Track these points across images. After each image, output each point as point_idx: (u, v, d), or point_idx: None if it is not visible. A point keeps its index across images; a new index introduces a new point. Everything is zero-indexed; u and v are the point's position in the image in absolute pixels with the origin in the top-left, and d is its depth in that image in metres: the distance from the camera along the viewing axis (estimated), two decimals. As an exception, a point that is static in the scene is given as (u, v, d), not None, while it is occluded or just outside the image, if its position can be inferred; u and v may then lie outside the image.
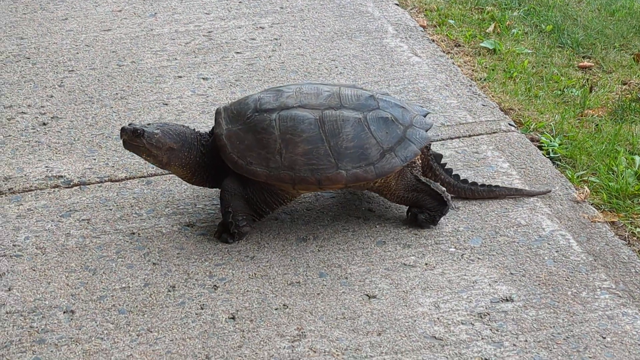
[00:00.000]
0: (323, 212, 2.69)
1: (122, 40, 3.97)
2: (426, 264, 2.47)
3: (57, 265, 2.49)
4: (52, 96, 3.48)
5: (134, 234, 2.61)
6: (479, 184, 2.69)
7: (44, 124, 3.26)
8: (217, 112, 2.54)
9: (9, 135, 3.18)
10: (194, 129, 2.59)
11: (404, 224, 2.63)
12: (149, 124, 2.51)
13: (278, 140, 2.42)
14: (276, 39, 3.95)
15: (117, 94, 3.49)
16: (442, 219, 2.59)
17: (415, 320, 2.26)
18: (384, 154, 2.45)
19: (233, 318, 2.29)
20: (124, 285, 2.41)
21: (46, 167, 2.94)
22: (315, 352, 2.17)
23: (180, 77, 3.62)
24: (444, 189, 2.56)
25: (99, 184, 2.87)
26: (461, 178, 2.69)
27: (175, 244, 2.57)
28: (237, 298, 2.36)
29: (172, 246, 2.56)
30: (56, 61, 3.78)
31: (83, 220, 2.67)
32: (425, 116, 2.59)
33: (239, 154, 2.44)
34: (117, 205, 2.75)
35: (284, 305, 2.33)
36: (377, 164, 2.44)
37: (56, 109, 3.37)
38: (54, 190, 2.83)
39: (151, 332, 2.24)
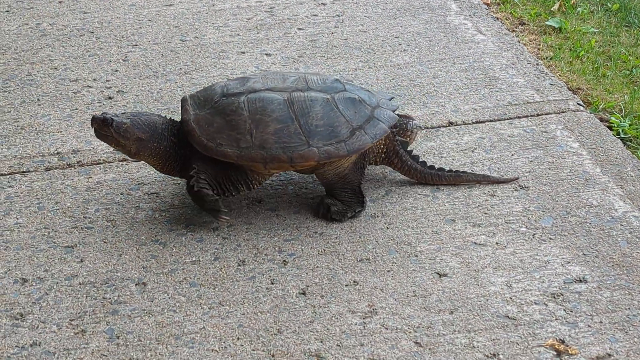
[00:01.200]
0: (391, 189, 2.68)
1: (184, 15, 3.97)
2: (497, 243, 2.45)
3: (127, 237, 2.50)
4: (116, 70, 3.49)
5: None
6: (446, 169, 2.68)
7: (110, 97, 3.27)
8: (183, 100, 2.53)
9: (76, 109, 3.20)
10: (170, 118, 2.57)
11: (474, 203, 2.60)
12: (123, 113, 2.51)
13: (248, 120, 2.42)
14: (338, 16, 3.93)
15: (181, 69, 3.49)
16: (495, 200, 2.57)
17: (487, 300, 2.25)
18: (354, 132, 2.45)
19: (304, 293, 2.28)
20: (194, 259, 2.42)
21: (114, 140, 2.95)
22: (387, 329, 2.16)
23: (243, 52, 3.61)
24: (364, 195, 2.57)
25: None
26: (428, 164, 2.67)
27: (244, 219, 2.57)
28: (307, 274, 2.35)
29: (240, 221, 2.57)
30: (119, 36, 3.79)
31: (152, 193, 2.68)
32: (390, 100, 2.61)
33: (208, 136, 2.43)
34: (184, 180, 2.75)
35: (354, 281, 2.32)
36: (348, 141, 2.44)
37: (121, 83, 3.39)
38: (121, 164, 2.84)
39: (223, 305, 2.25)
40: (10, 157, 2.89)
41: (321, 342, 2.13)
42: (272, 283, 2.32)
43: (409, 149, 2.66)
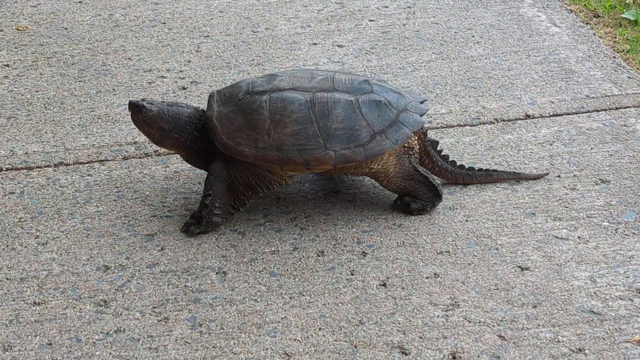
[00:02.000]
0: (469, 182, 2.66)
1: (254, 6, 3.98)
2: (579, 237, 2.42)
3: (206, 227, 2.51)
4: (189, 61, 3.51)
5: (280, 198, 2.63)
6: (476, 168, 2.63)
7: (184, 88, 3.29)
8: (210, 96, 2.51)
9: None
10: (201, 111, 2.55)
11: (554, 196, 2.58)
12: (161, 102, 2.52)
13: (267, 120, 2.39)
14: (409, 7, 3.91)
15: (253, 60, 3.50)
16: (576, 194, 2.53)
17: (571, 294, 2.22)
18: (375, 136, 2.40)
19: (384, 285, 2.28)
20: (273, 249, 2.42)
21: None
22: (470, 322, 2.14)
23: (315, 44, 3.61)
24: (438, 182, 2.52)
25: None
26: (458, 164, 2.63)
27: (322, 210, 2.57)
28: (386, 265, 2.35)
29: (318, 212, 2.57)
30: (191, 26, 3.81)
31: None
32: (422, 103, 2.54)
33: (228, 134, 2.41)
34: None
35: (434, 274, 2.31)
36: (367, 146, 2.39)
37: (194, 74, 3.41)
38: (198, 154, 2.85)
39: (303, 295, 2.25)
40: (88, 146, 2.93)
41: (403, 333, 2.12)
42: (352, 274, 2.32)
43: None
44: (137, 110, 2.48)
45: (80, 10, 3.98)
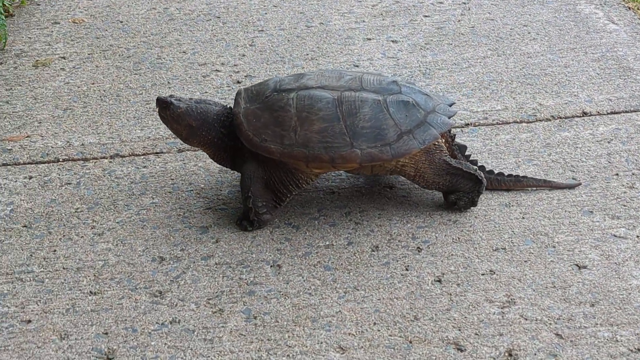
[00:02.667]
0: (525, 179, 2.63)
1: (308, 1, 3.98)
2: (637, 236, 2.39)
3: (260, 220, 2.52)
4: (244, 55, 3.52)
5: (334, 192, 2.62)
6: (506, 174, 2.58)
7: (238, 82, 3.30)
8: (238, 93, 2.51)
9: (205, 92, 3.23)
10: (226, 107, 2.55)
11: (612, 194, 2.54)
12: (190, 98, 2.52)
13: (294, 117, 2.37)
14: (464, 3, 3.88)
15: (307, 54, 3.50)
16: (635, 192, 2.50)
17: (629, 293, 2.19)
18: (402, 136, 2.37)
19: (439, 281, 2.26)
20: (327, 243, 2.42)
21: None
22: (526, 319, 2.12)
23: (369, 39, 3.60)
24: (475, 167, 2.48)
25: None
26: (487, 169, 2.58)
27: (376, 205, 2.56)
28: (441, 261, 2.33)
29: (372, 207, 2.56)
30: (245, 21, 3.82)
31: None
32: (450, 105, 2.50)
33: (254, 131, 2.40)
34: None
35: (490, 270, 2.29)
36: (394, 145, 2.36)
37: (249, 68, 3.41)
38: (252, 147, 2.85)
39: (358, 290, 2.25)
40: (143, 138, 2.95)
41: (459, 330, 2.10)
42: (407, 269, 2.31)
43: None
44: (164, 107, 2.47)
45: (135, 4, 4.01)
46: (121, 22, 3.85)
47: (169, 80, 3.34)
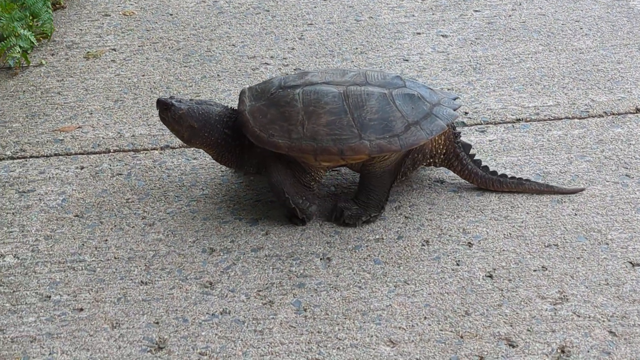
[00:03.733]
0: (578, 175, 2.60)
1: (358, -5, 3.97)
2: (693, 234, 2.34)
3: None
4: (293, 48, 3.52)
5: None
6: (509, 176, 2.55)
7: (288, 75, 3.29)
8: (242, 92, 2.49)
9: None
10: (231, 110, 2.53)
11: (667, 192, 2.51)
12: (191, 100, 2.50)
13: (301, 112, 2.36)
14: (515, -2, 3.85)
15: (356, 48, 3.49)
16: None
17: (685, 292, 2.16)
18: (409, 127, 2.36)
19: (490, 276, 2.25)
20: (377, 237, 2.41)
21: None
22: (579, 316, 2.10)
23: (419, 33, 3.58)
24: (384, 207, 2.47)
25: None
26: (490, 170, 2.56)
27: (426, 199, 2.55)
28: (493, 257, 2.31)
29: (422, 201, 2.54)
30: (295, 14, 3.82)
31: (332, 171, 2.69)
32: (454, 99, 2.49)
33: (261, 127, 2.38)
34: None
35: (542, 267, 2.26)
36: (402, 136, 2.35)
37: (298, 61, 3.41)
38: (302, 140, 2.85)
39: (408, 284, 2.23)
40: (194, 130, 2.95)
41: (510, 325, 2.09)
42: (458, 264, 2.29)
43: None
44: (165, 108, 2.45)
45: (185, -3, 4.03)
46: (171, 14, 3.87)
47: (218, 72, 3.35)
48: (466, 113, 2.97)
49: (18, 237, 2.46)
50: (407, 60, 3.37)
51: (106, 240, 2.44)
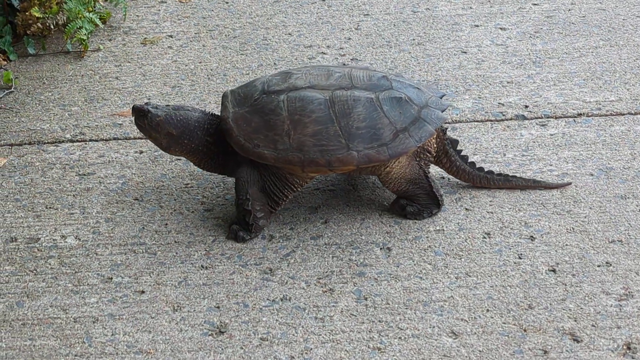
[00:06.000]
0: (642, 171, 2.57)
1: (414, -13, 3.94)
2: None
3: (369, 202, 2.51)
4: (349, 38, 3.50)
5: (443, 178, 2.59)
6: (495, 173, 2.50)
7: (345, 64, 3.28)
8: (224, 96, 2.41)
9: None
10: (211, 115, 2.43)
11: None
12: (166, 106, 2.40)
13: (286, 121, 2.28)
14: (574, -8, 3.81)
15: (414, 39, 3.47)
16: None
17: None
18: (397, 134, 2.29)
19: (553, 271, 2.22)
20: (438, 228, 2.39)
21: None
22: (645, 313, 2.07)
23: (477, 26, 3.56)
24: (442, 192, 2.42)
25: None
26: (477, 166, 2.51)
27: (487, 192, 2.53)
28: (555, 251, 2.29)
29: (483, 193, 2.52)
30: (350, 4, 3.81)
31: None
32: (441, 98, 2.42)
33: (246, 136, 2.30)
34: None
35: (606, 262, 2.24)
36: (390, 145, 2.28)
37: (355, 51, 3.40)
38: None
39: (470, 276, 2.22)
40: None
41: (575, 320, 2.06)
42: (520, 258, 2.27)
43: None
44: (142, 115, 2.36)
45: (241, -15, 4.02)
46: (227, 2, 3.87)
47: (275, 61, 3.35)
48: (526, 106, 2.94)
49: (79, 218, 2.48)
50: (465, 52, 3.34)
51: (166, 224, 2.44)
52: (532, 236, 2.34)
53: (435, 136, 2.43)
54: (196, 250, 2.34)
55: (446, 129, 2.48)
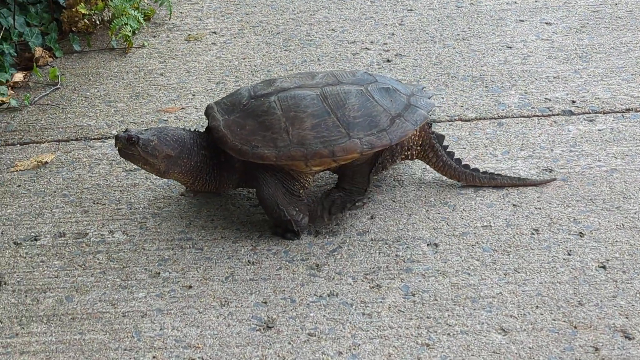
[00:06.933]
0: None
1: (458, -18, 3.92)
2: None
3: (416, 198, 2.49)
4: (393, 34, 3.49)
5: (489, 173, 2.56)
6: (481, 170, 2.49)
7: (388, 60, 3.27)
8: (209, 107, 2.38)
9: (355, 70, 3.21)
10: (195, 130, 2.41)
11: None
12: (146, 130, 2.32)
13: (282, 119, 2.27)
14: (620, -13, 3.76)
15: (458, 34, 3.45)
16: None
17: None
18: (394, 120, 2.31)
19: (603, 267, 2.19)
20: (485, 224, 2.37)
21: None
22: (698, 311, 2.04)
23: (522, 20, 3.53)
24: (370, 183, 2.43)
25: (449, 123, 2.85)
26: (463, 163, 2.49)
27: (534, 188, 2.50)
28: (605, 247, 2.26)
29: (530, 189, 2.50)
30: (394, 0, 3.79)
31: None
32: (422, 89, 2.45)
33: (241, 140, 2.27)
34: (470, 145, 2.72)
35: (657, 259, 2.21)
36: (389, 130, 2.29)
37: (399, 47, 3.38)
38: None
39: (518, 272, 2.20)
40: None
41: (626, 317, 2.03)
42: (569, 254, 2.24)
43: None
44: (131, 143, 2.26)
45: (284, -18, 4.02)
46: (270, -1, 3.88)
47: (318, 57, 3.34)
48: (574, 102, 2.91)
49: (126, 214, 2.49)
50: (510, 47, 3.31)
51: (212, 219, 2.45)
52: (581, 232, 2.31)
53: (418, 129, 2.43)
54: (243, 246, 2.34)
55: (432, 123, 2.49)
